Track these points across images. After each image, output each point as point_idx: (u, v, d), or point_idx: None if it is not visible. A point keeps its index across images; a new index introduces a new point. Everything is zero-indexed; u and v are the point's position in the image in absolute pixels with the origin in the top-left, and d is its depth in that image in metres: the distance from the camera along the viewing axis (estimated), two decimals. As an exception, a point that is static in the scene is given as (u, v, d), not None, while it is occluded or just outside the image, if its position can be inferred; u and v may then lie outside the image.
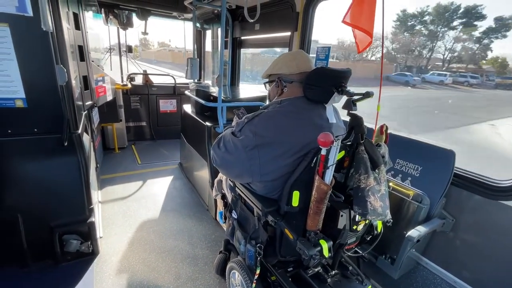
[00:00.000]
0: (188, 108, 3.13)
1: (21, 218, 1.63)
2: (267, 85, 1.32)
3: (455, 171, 1.39)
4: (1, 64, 1.41)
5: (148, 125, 4.60)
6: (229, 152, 1.13)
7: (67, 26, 1.73)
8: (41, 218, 1.70)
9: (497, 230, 1.29)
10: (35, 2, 1.38)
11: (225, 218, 1.66)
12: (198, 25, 4.19)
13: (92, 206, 1.84)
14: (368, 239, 1.20)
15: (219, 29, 3.91)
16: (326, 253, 0.96)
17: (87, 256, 1.89)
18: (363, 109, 1.04)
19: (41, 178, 1.64)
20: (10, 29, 1.38)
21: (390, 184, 1.44)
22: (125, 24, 3.93)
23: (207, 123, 2.43)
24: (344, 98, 1.04)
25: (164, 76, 5.39)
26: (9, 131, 1.53)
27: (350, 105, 0.99)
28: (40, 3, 1.30)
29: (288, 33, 2.49)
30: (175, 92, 4.62)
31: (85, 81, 2.30)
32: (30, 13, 1.38)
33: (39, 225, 1.70)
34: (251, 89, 3.16)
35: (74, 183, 1.73)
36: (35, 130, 1.58)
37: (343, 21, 1.14)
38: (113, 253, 1.99)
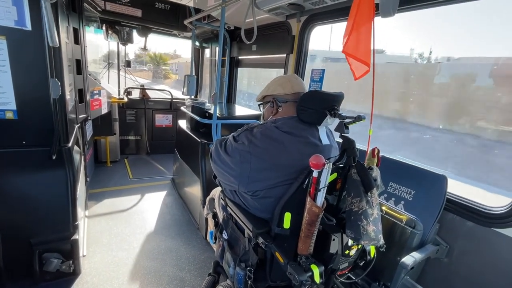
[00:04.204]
0: (183, 123, 3.13)
1: (0, 234, 1.56)
2: (261, 107, 1.34)
3: (447, 196, 1.39)
4: (-5, 76, 1.40)
5: (143, 139, 4.56)
6: (227, 152, 1.16)
7: (65, 40, 1.76)
8: (21, 234, 1.62)
9: (491, 258, 1.27)
10: (35, 17, 1.40)
11: (216, 239, 1.61)
12: (197, 43, 4.30)
13: (77, 223, 1.77)
14: (361, 264, 1.16)
15: (217, 48, 4.02)
16: (317, 279, 0.93)
17: (68, 276, 1.79)
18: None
19: (25, 192, 1.58)
20: (7, 42, 1.38)
21: (383, 208, 1.42)
22: (126, 40, 4.02)
23: (201, 140, 2.42)
24: (337, 121, 1.05)
25: (161, 91, 5.45)
26: None
27: (342, 127, 1.00)
28: (47, 20, 1.31)
29: (284, 55, 2.56)
30: (171, 107, 4.64)
31: (81, 94, 2.30)
32: (29, 27, 1.40)
33: (18, 241, 1.61)
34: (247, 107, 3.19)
35: (60, 198, 1.67)
36: (23, 142, 1.55)
37: (343, 51, 1.17)
38: (96, 273, 1.89)
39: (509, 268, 1.22)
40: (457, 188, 1.45)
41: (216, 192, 1.67)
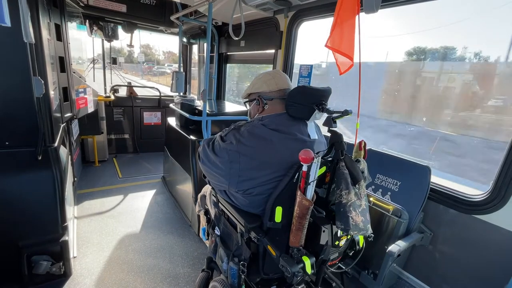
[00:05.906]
0: (172, 121, 3.10)
1: None
2: (247, 104, 1.34)
3: (431, 186, 1.45)
4: (-27, 74, 1.35)
5: (131, 137, 4.49)
6: (214, 152, 1.15)
7: (47, 37, 1.70)
8: (7, 238, 1.58)
9: (472, 243, 1.34)
10: (15, 12, 1.34)
11: (208, 235, 1.62)
12: (184, 39, 4.23)
13: (66, 224, 1.74)
14: (351, 254, 1.20)
15: (205, 44, 3.97)
16: (309, 269, 0.95)
17: (58, 279, 1.76)
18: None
19: (11, 194, 1.54)
20: (-15, 39, 1.33)
21: (371, 199, 1.47)
22: (110, 36, 3.91)
23: (192, 137, 2.41)
24: (325, 115, 1.08)
25: (149, 88, 5.35)
26: None
27: (330, 122, 1.02)
28: (22, 15, 1.27)
29: (272, 51, 2.56)
30: (160, 104, 4.57)
31: (65, 93, 2.24)
32: (8, 23, 1.34)
33: (5, 245, 1.57)
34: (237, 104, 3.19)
35: (48, 199, 1.64)
36: (6, 143, 1.50)
37: (326, 46, 1.19)
38: (87, 274, 1.87)
39: (487, 251, 1.29)
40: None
41: (207, 189, 1.68)
